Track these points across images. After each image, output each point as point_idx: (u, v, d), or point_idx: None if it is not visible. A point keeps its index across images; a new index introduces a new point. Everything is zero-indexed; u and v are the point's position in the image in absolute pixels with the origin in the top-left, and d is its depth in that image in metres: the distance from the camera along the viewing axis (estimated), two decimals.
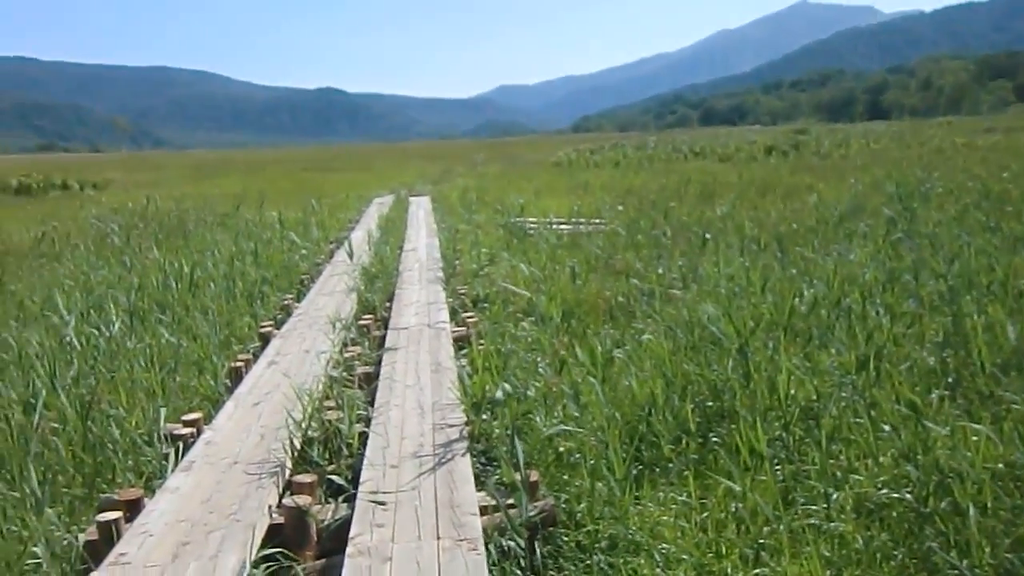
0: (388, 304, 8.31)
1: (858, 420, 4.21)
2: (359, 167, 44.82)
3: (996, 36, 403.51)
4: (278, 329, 7.35)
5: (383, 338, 6.88)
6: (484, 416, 4.64)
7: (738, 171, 22.87)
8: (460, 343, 6.60)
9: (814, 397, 4.56)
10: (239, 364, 6.07)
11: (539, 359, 5.74)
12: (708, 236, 9.73)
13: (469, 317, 7.22)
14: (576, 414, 4.47)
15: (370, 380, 5.67)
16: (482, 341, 6.22)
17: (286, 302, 8.52)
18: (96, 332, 6.45)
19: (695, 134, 73.55)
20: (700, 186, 17.94)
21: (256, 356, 6.50)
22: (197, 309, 7.77)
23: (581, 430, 4.28)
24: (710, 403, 4.82)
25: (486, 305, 7.97)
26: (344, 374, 5.72)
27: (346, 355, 6.22)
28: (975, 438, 3.68)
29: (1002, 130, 41.10)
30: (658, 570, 3.22)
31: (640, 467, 4.17)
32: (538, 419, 4.53)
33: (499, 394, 4.50)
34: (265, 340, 6.97)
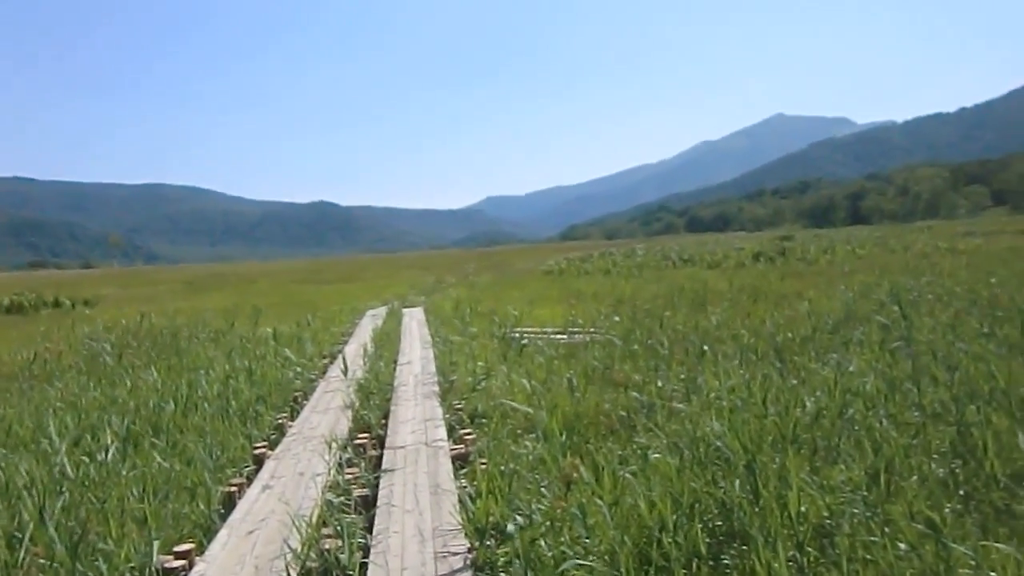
0: (384, 421, 8.19)
1: (873, 539, 4.09)
2: (351, 278, 45.18)
3: (966, 145, 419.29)
4: (272, 450, 7.21)
5: (380, 458, 6.74)
6: (488, 543, 4.48)
7: (728, 278, 23.15)
8: (459, 462, 6.46)
9: (826, 514, 4.44)
10: (232, 489, 5.91)
11: (542, 478, 5.61)
12: (705, 347, 9.74)
13: (467, 434, 7.10)
14: (585, 539, 4.33)
15: (368, 504, 5.51)
16: (483, 460, 6.10)
17: (280, 421, 8.38)
18: (87, 459, 6.29)
19: (682, 241, 74.87)
20: (692, 294, 18.10)
21: (250, 479, 6.34)
22: (191, 431, 7.63)
23: (591, 562, 4.13)
24: (719, 522, 4.68)
25: (484, 421, 7.85)
26: (341, 498, 5.57)
27: (342, 477, 6.08)
28: (995, 556, 3.58)
29: (981, 234, 42.06)
30: None
31: None
32: (543, 544, 4.38)
33: (510, 527, 4.35)
34: (259, 462, 6.82)
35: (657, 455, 5.45)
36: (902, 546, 3.93)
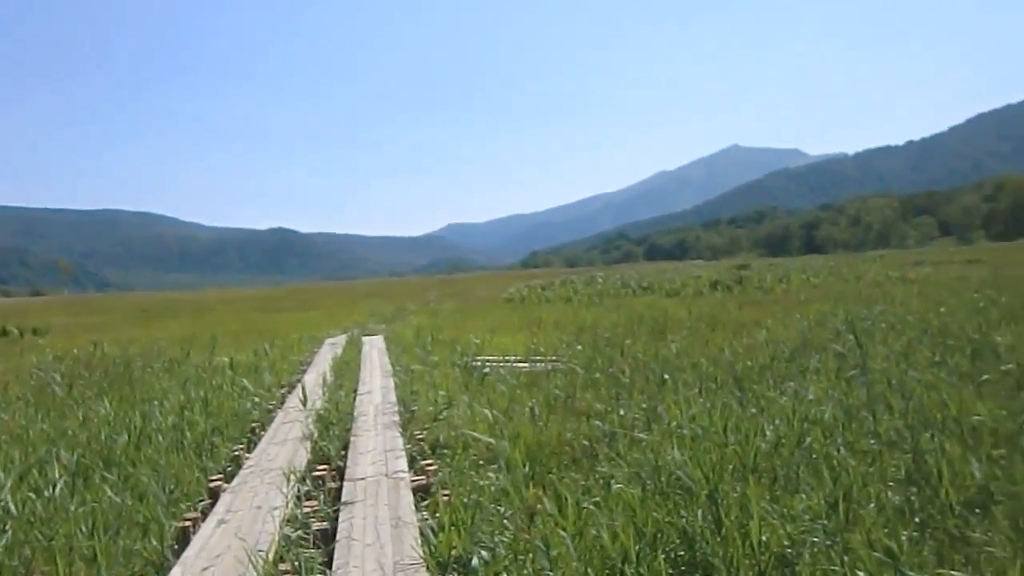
0: (344, 452, 8.06)
1: (834, 568, 4.13)
2: (311, 306, 44.67)
3: (913, 176, 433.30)
4: (228, 483, 7.04)
5: (339, 490, 6.62)
6: None
7: (687, 306, 23.39)
8: (420, 493, 6.38)
9: (787, 543, 4.48)
10: (187, 524, 5.76)
11: (505, 509, 5.56)
12: (666, 375, 9.81)
13: (429, 465, 7.02)
14: (548, 572, 4.29)
15: (327, 538, 5.40)
16: (445, 491, 6.03)
17: (236, 453, 8.21)
18: (33, 495, 6.07)
19: (641, 269, 75.62)
20: (652, 322, 18.23)
21: (205, 514, 6.18)
22: (144, 464, 7.43)
23: None
24: (682, 552, 4.68)
25: (446, 451, 7.77)
26: (300, 533, 5.45)
27: (301, 510, 5.96)
28: None
29: (930, 263, 43.22)
30: None
31: None
32: None
33: (475, 562, 4.30)
34: (214, 496, 6.66)
35: (620, 485, 5.44)
36: (861, 574, 3.97)
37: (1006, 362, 8.40)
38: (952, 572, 3.75)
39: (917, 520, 4.72)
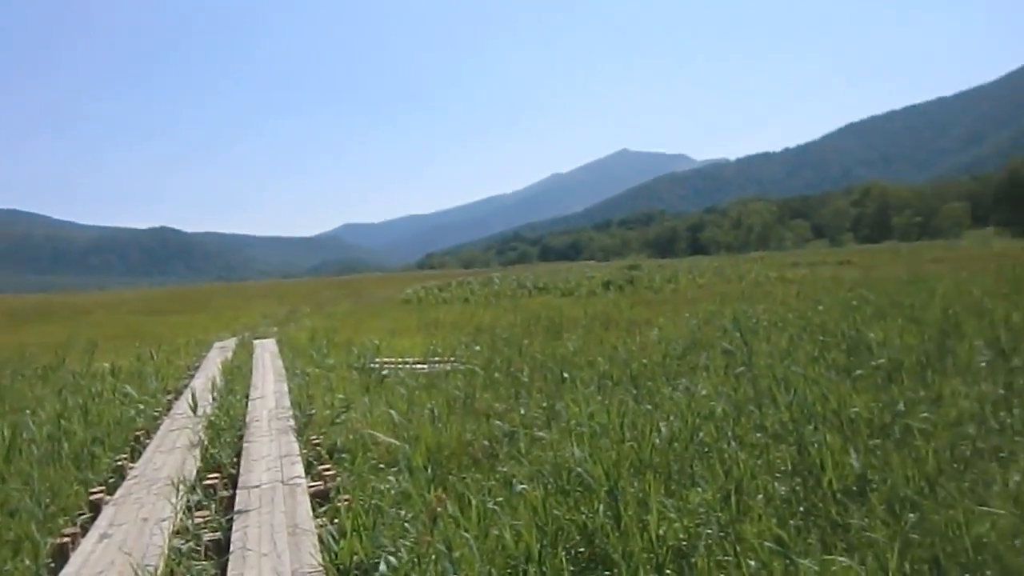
0: (236, 459, 7.78)
1: (727, 558, 4.30)
2: (198, 309, 42.90)
3: (790, 182, 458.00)
4: (111, 495, 6.66)
5: (232, 499, 6.38)
6: None
7: (582, 306, 23.84)
8: (318, 499, 6.23)
9: (683, 536, 4.63)
10: (65, 540, 5.40)
11: (405, 512, 5.50)
12: (564, 374, 9.96)
13: (326, 470, 6.86)
14: (452, 574, 4.27)
15: (220, 549, 5.19)
16: (344, 496, 5.91)
17: (120, 463, 7.78)
18: None
19: (536, 270, 76.52)
20: (548, 321, 18.49)
21: (85, 529, 5.82)
22: (15, 477, 6.93)
23: None
24: (582, 549, 4.77)
25: (344, 455, 7.62)
26: (190, 544, 5.22)
27: (191, 522, 5.70)
28: (835, 569, 3.85)
29: (806, 264, 45.69)
30: None
31: None
32: None
33: (382, 567, 4.23)
34: (96, 509, 6.28)
35: (522, 485, 5.48)
36: (753, 563, 4.15)
37: (878, 357, 8.97)
38: (836, 557, 3.96)
39: (802, 509, 4.97)
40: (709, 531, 4.60)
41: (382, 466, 6.97)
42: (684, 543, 4.56)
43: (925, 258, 43.33)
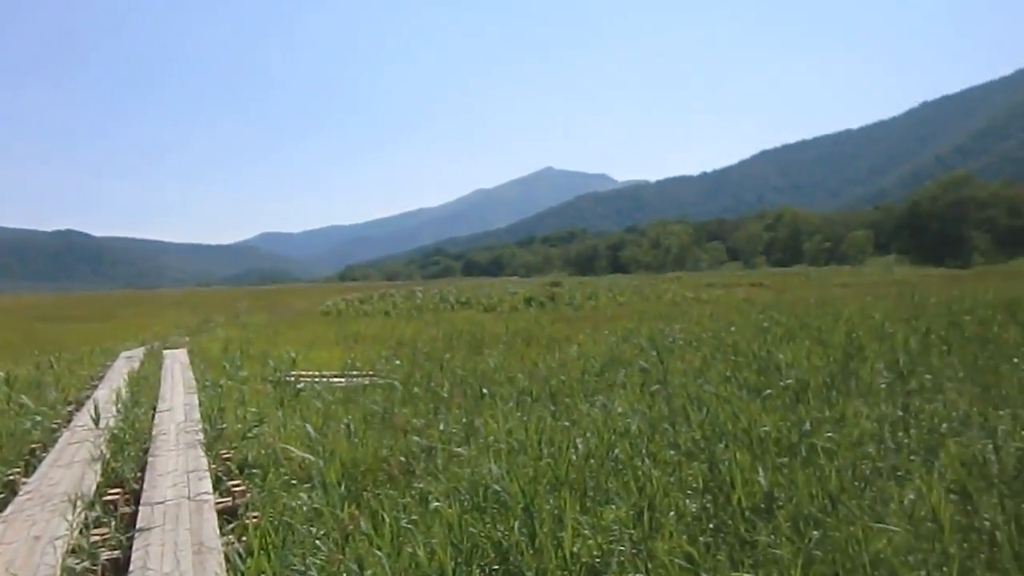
0: (140, 474, 7.45)
1: (639, 575, 4.35)
2: (105, 317, 41.12)
3: (705, 204, 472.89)
4: (0, 511, 6.29)
5: (135, 516, 6.10)
6: None
7: (503, 321, 23.90)
8: (226, 516, 6.02)
9: (597, 553, 4.66)
10: None
11: (317, 529, 5.37)
12: (484, 389, 9.95)
13: (236, 486, 6.65)
14: None
15: (119, 568, 4.96)
16: (254, 513, 5.73)
17: (11, 477, 7.34)
18: None
19: (459, 284, 76.44)
20: (470, 336, 18.47)
21: None
22: None
23: None
24: (497, 566, 4.75)
25: (255, 471, 7.40)
26: (86, 564, 4.97)
27: (88, 540, 5.42)
28: None
29: (721, 285, 47.12)
30: None
31: None
32: None
33: None
34: None
35: (438, 503, 5.43)
36: None
37: (786, 377, 9.28)
38: (742, 574, 4.06)
39: (712, 526, 5.08)
40: (622, 548, 4.65)
41: (294, 482, 6.79)
42: (597, 560, 4.59)
43: (833, 282, 45.29)
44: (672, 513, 5.15)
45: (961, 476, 5.14)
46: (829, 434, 6.43)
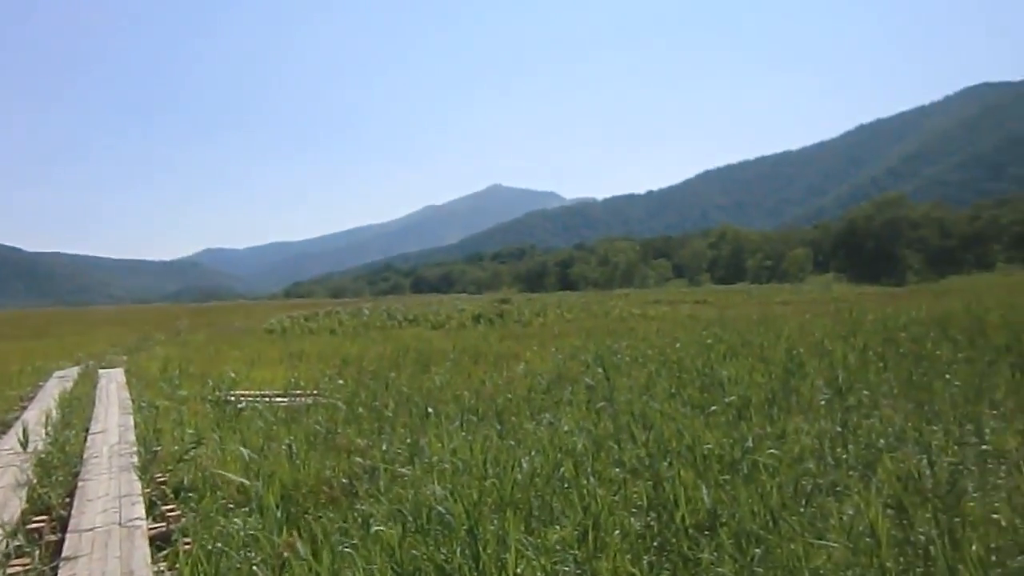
0: (69, 500, 7.14)
1: None
2: (36, 334, 39.66)
3: (652, 222, 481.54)
4: None
5: (61, 543, 5.84)
6: None
7: (451, 339, 23.79)
8: (159, 543, 5.80)
9: (541, 575, 4.61)
10: None
11: (254, 555, 5.21)
12: (430, 408, 9.84)
13: (170, 511, 6.42)
14: None
15: None
16: (187, 540, 5.53)
17: None
18: None
19: (408, 301, 75.90)
20: (417, 354, 18.31)
21: None
22: None
23: None
24: None
25: (191, 495, 7.16)
26: None
27: (5, 570, 5.17)
28: None
29: (667, 302, 47.79)
30: None
31: None
32: None
33: None
34: None
35: (380, 527, 5.32)
36: None
37: (729, 394, 9.40)
38: None
39: (656, 544, 5.08)
40: (567, 569, 4.61)
41: (232, 506, 6.59)
42: None
43: (774, 300, 46.32)
44: (617, 532, 5.13)
45: (897, 491, 5.25)
46: (771, 450, 6.51)
